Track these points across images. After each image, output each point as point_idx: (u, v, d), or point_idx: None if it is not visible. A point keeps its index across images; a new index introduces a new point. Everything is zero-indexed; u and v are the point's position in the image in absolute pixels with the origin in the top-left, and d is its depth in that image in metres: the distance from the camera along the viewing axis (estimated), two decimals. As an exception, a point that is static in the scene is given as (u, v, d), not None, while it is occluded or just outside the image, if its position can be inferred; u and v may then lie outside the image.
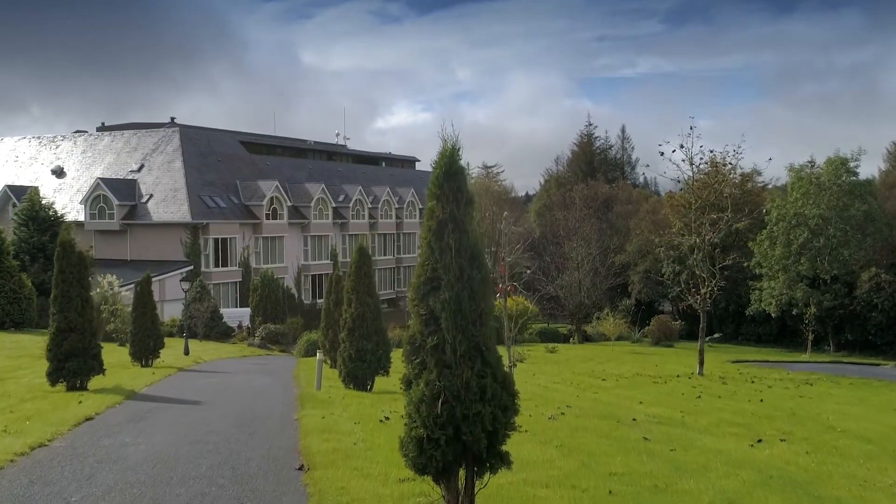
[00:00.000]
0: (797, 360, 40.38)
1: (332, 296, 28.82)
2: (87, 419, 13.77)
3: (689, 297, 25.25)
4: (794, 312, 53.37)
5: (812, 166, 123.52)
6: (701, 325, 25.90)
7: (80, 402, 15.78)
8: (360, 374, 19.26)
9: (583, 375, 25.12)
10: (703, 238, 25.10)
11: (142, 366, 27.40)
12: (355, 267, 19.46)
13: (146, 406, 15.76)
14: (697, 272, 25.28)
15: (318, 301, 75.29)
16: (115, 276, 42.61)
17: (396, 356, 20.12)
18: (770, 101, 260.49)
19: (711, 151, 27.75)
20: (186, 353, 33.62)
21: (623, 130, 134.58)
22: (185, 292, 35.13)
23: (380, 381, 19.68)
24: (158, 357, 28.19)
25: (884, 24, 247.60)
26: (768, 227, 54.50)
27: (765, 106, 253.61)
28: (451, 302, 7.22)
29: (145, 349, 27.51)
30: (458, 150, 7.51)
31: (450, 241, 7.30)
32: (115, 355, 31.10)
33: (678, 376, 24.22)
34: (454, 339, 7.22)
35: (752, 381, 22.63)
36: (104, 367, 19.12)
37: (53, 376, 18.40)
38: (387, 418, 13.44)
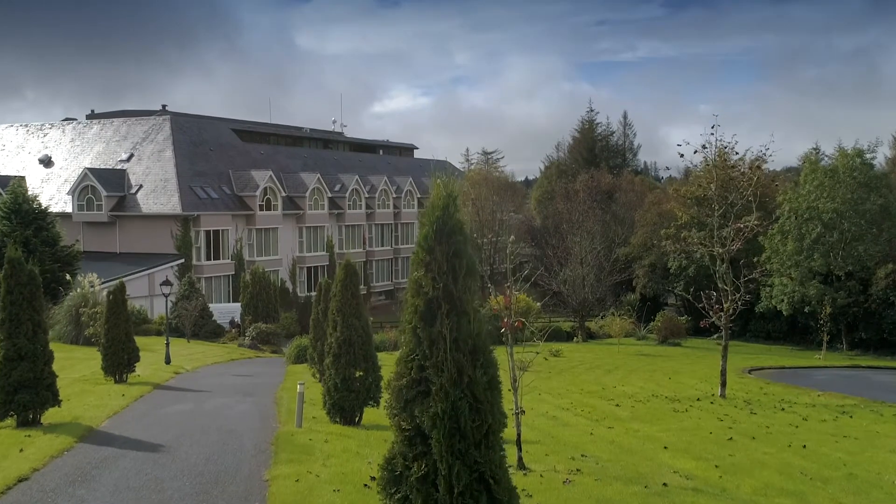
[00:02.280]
0: (814, 365, 38.37)
1: (320, 304, 26.82)
2: (21, 480, 11.72)
3: (712, 314, 23.17)
4: (806, 310, 51.32)
5: (817, 152, 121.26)
6: (723, 343, 23.83)
7: (22, 449, 13.72)
8: (348, 406, 17.21)
9: (593, 396, 23.07)
10: (728, 248, 22.99)
11: (115, 381, 25.37)
12: (341, 286, 17.36)
13: (97, 454, 13.70)
14: (720, 285, 23.20)
15: (313, 294, 73.30)
16: (95, 276, 40.46)
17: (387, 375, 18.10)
18: (770, 84, 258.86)
19: (737, 154, 25.63)
20: (168, 361, 31.55)
21: (625, 116, 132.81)
22: (166, 297, 33.05)
23: (369, 413, 17.60)
24: (133, 371, 26.11)
25: (884, 7, 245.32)
26: (780, 221, 52.33)
27: (765, 90, 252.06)
28: (446, 417, 5.13)
29: (119, 363, 25.43)
30: (456, 197, 5.41)
31: (443, 329, 5.22)
32: (90, 365, 29.18)
33: (698, 399, 22.11)
34: (450, 468, 5.13)
35: (783, 409, 20.54)
36: (60, 399, 17.12)
37: (1, 410, 16.38)
38: (373, 479, 11.33)
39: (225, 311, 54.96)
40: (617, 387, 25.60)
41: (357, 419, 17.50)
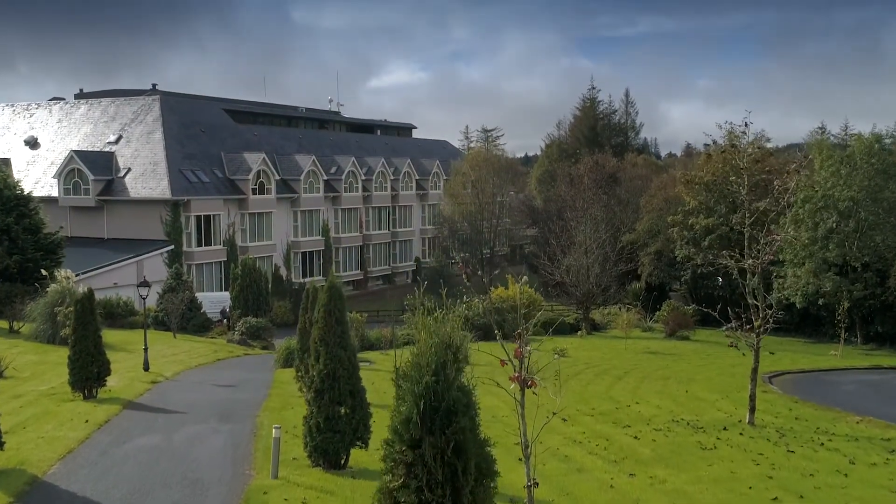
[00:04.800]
0: (835, 367, 36.27)
1: (308, 313, 24.66)
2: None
3: (741, 335, 20.91)
4: (820, 302, 49.13)
5: (823, 132, 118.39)
6: (753, 366, 21.61)
7: (-58, 520, 11.60)
8: (332, 449, 15.10)
9: (606, 420, 20.85)
10: (761, 259, 20.77)
11: (84, 397, 23.27)
12: (324, 311, 15.20)
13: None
14: (750, 301, 21.02)
15: (308, 279, 71.22)
16: (70, 271, 38.30)
17: (378, 431, 15.95)
18: (771, 60, 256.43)
19: (773, 151, 23.46)
20: (146, 368, 29.40)
21: (627, 94, 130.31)
22: (144, 299, 30.86)
23: (356, 454, 15.48)
24: (104, 385, 23.96)
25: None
26: (794, 210, 49.94)
27: (765, 65, 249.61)
28: None
29: (87, 377, 23.28)
30: (458, 349, 3.20)
31: None
32: (62, 372, 26.86)
33: (725, 428, 19.91)
34: None
35: (822, 444, 18.38)
36: (2, 440, 14.98)
37: (-67, 456, 14.30)
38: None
39: (215, 300, 52.84)
40: (631, 405, 23.41)
41: (343, 462, 15.40)
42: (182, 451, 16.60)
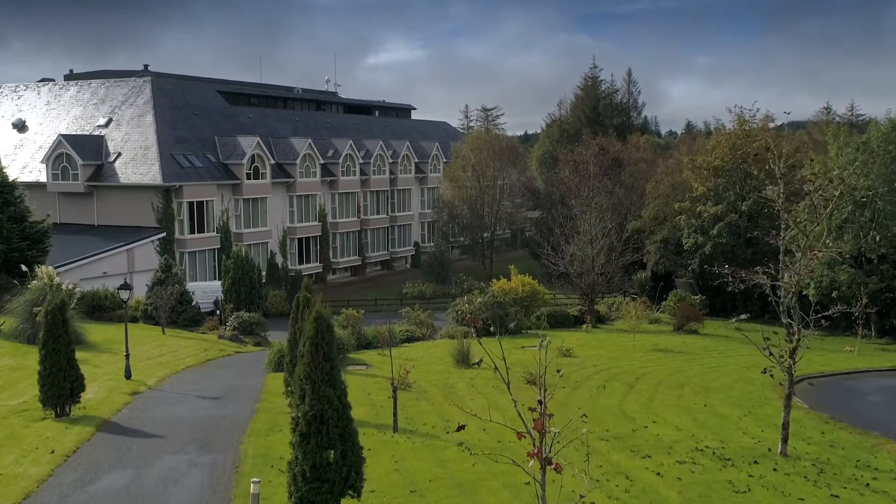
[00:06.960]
0: (854, 370, 34.59)
1: (297, 323, 22.90)
2: None
3: (773, 359, 19.09)
4: (833, 295, 47.32)
5: (829, 112, 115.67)
6: (787, 392, 19.80)
7: None
8: (320, 500, 13.35)
9: (622, 446, 19.07)
10: (801, 276, 19.00)
11: (56, 415, 21.56)
12: (310, 345, 13.44)
13: None
14: (784, 319, 19.29)
15: (305, 266, 69.53)
16: (52, 268, 36.49)
17: (373, 461, 14.23)
18: (771, 37, 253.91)
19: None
20: (128, 375, 27.65)
21: (629, 74, 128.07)
22: (126, 302, 29.04)
23: None
24: (78, 401, 22.22)
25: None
26: (806, 199, 47.94)
27: (766, 42, 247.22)
28: None
29: (59, 394, 21.55)
30: None
31: None
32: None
33: (756, 462, 18.17)
34: None
35: (867, 484, 16.64)
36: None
37: None
38: None
39: (208, 290, 51.08)
40: (648, 425, 21.63)
41: (332, 512, 13.66)
42: (152, 496, 14.83)
